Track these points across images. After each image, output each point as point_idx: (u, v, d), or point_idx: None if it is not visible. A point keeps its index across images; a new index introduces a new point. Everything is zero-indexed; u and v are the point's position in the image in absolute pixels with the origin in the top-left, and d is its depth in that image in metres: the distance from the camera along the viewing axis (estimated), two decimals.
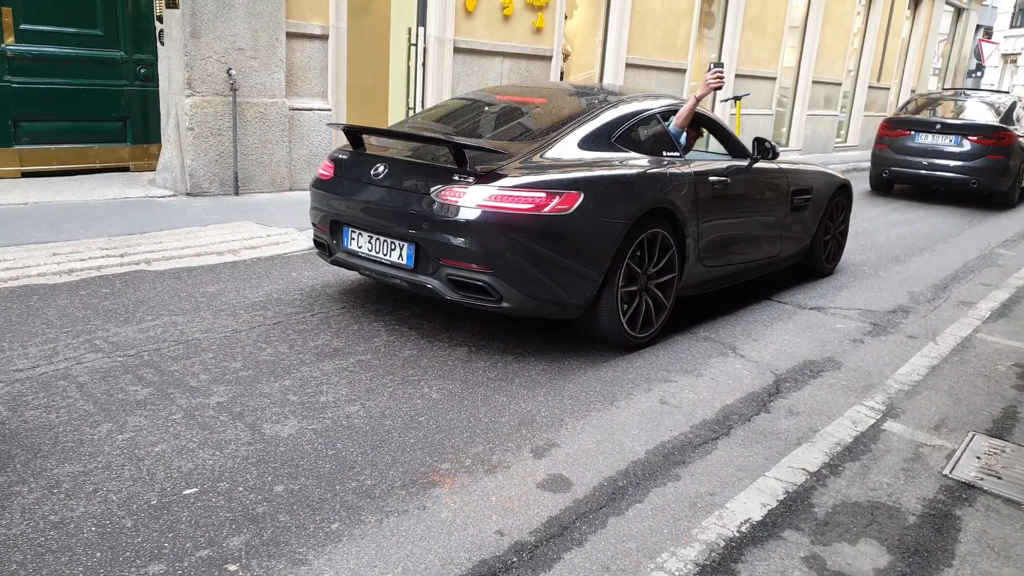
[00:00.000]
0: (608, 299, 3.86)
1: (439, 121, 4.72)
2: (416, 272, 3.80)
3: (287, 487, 2.56)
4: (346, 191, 4.08)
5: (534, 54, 9.47)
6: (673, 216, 4.13)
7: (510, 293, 3.63)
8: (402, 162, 3.96)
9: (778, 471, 2.88)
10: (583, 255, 3.72)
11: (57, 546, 2.19)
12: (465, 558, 2.25)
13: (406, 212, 3.75)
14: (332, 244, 4.22)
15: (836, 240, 6.18)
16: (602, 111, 4.25)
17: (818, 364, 4.06)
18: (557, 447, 2.96)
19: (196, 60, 6.61)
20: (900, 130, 10.87)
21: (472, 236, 3.57)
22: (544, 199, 3.59)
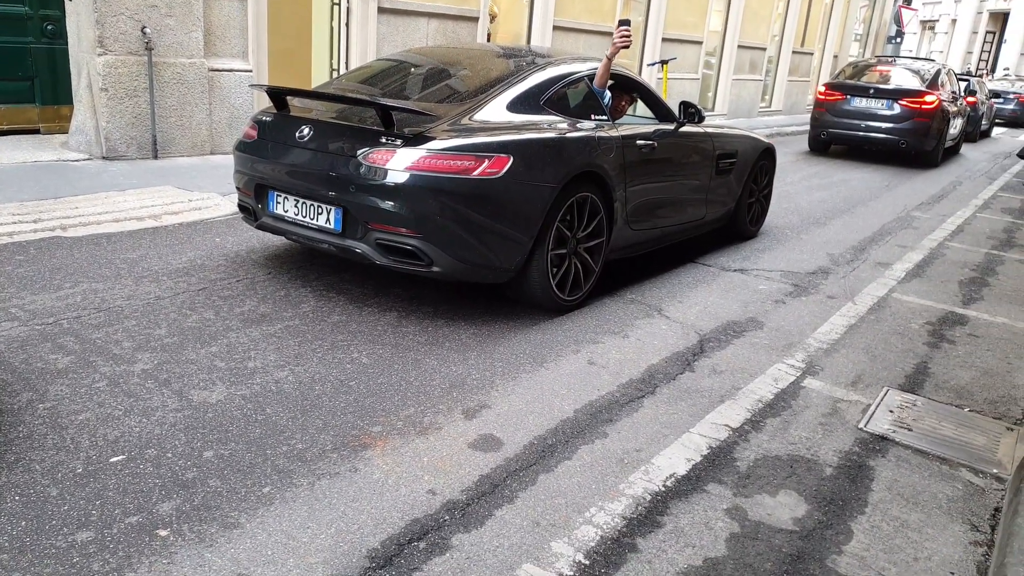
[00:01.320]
0: (538, 263, 3.89)
1: (365, 82, 4.62)
2: (344, 237, 3.74)
3: (217, 452, 2.53)
4: (271, 154, 3.97)
5: (460, 15, 9.35)
6: (601, 180, 4.17)
7: (440, 257, 3.63)
8: (328, 124, 3.87)
9: (702, 427, 3.00)
10: (513, 219, 3.73)
11: None
12: (398, 518, 2.28)
13: (333, 175, 3.68)
14: (257, 208, 4.12)
15: (760, 203, 6.36)
16: (530, 73, 4.23)
17: (741, 324, 4.21)
18: (488, 408, 3.01)
19: (107, 17, 6.28)
20: (837, 94, 11.70)
21: (401, 200, 3.52)
22: (473, 163, 3.58)
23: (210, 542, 2.11)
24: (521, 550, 2.18)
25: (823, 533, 2.39)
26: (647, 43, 13.10)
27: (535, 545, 2.21)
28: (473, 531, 2.25)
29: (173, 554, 2.05)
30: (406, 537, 2.19)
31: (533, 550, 2.19)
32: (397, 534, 2.20)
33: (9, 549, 2.02)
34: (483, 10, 9.61)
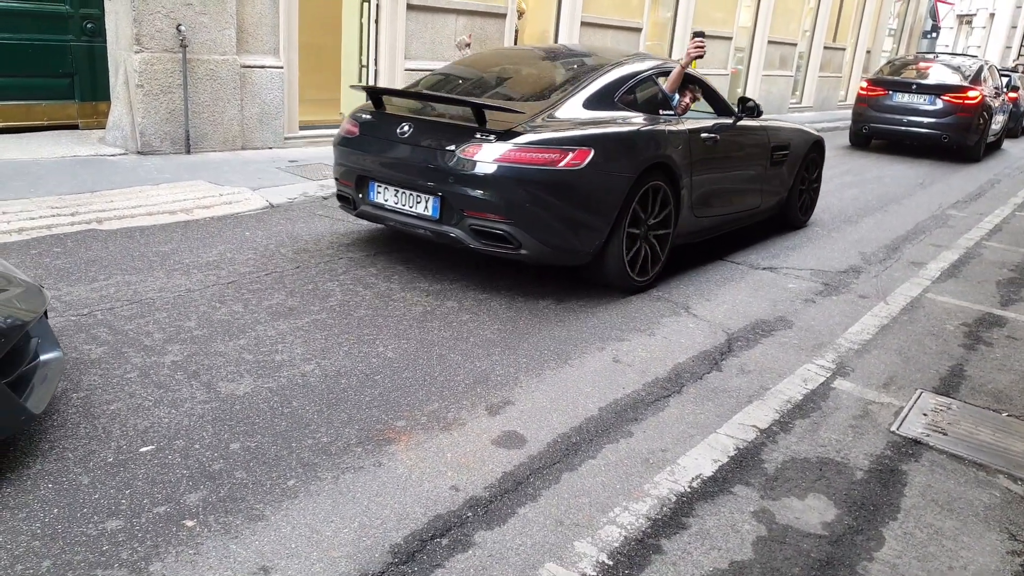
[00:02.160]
0: (614, 247, 4.21)
1: (450, 84, 4.93)
2: (441, 223, 4.08)
3: (243, 444, 2.56)
4: (372, 148, 4.34)
5: (488, 11, 9.33)
6: (670, 170, 4.45)
7: (528, 241, 3.95)
8: (426, 121, 4.23)
9: (729, 428, 2.96)
10: (594, 206, 4.04)
11: (14, 503, 2.17)
12: (420, 513, 2.28)
13: (431, 167, 4.01)
14: (357, 198, 4.48)
15: (810, 194, 6.59)
16: (603, 72, 4.55)
17: (770, 323, 4.15)
18: (512, 404, 3.00)
19: (144, 15, 6.37)
20: (879, 89, 11.84)
21: (493, 189, 3.87)
22: (559, 155, 3.90)
23: (235, 533, 2.13)
24: (544, 549, 2.17)
25: (853, 539, 2.35)
26: (675, 39, 12.98)
27: (558, 544, 2.20)
28: (496, 528, 2.24)
29: (199, 544, 2.07)
30: (429, 533, 2.20)
31: (556, 549, 2.18)
32: (420, 530, 2.21)
33: (41, 535, 2.06)
34: (511, 6, 9.59)
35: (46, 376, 2.46)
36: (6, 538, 2.04)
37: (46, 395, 2.41)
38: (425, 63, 8.78)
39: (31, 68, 6.77)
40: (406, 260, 4.67)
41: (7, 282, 2.43)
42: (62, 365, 2.58)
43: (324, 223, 5.37)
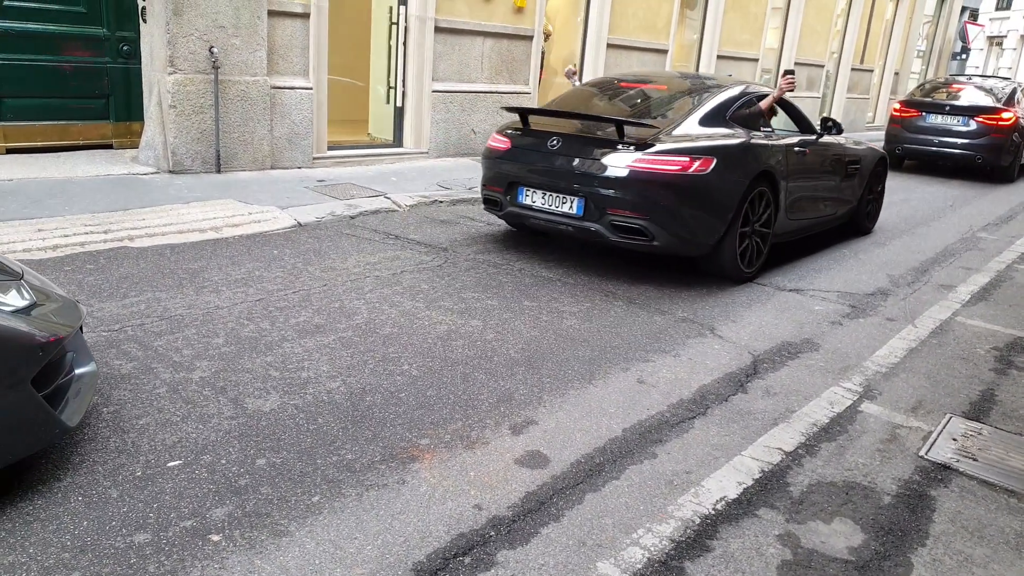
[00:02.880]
0: (730, 240, 4.97)
1: (583, 104, 5.74)
2: (584, 220, 4.88)
3: (269, 460, 2.59)
4: (523, 158, 5.15)
5: (515, 34, 9.43)
6: (772, 178, 5.24)
7: (661, 234, 4.74)
8: (572, 135, 5.03)
9: (754, 450, 2.94)
10: (714, 206, 4.84)
11: (45, 515, 2.21)
12: (443, 531, 2.29)
13: (578, 173, 4.83)
14: (505, 200, 5.29)
15: (875, 203, 7.38)
16: (715, 95, 5.37)
17: (796, 345, 4.12)
18: (535, 424, 3.00)
19: (178, 38, 6.54)
20: (913, 111, 12.03)
21: (632, 191, 4.67)
22: (688, 162, 4.69)
23: (260, 549, 2.15)
24: (567, 569, 2.16)
25: (880, 564, 2.31)
26: (701, 61, 13.01)
27: (581, 565, 2.19)
28: (519, 548, 2.24)
29: (225, 559, 2.09)
30: (451, 551, 2.20)
31: (579, 570, 2.17)
32: (443, 548, 2.21)
33: (71, 548, 2.09)
34: (538, 28, 9.68)
35: (80, 390, 2.51)
36: (37, 550, 2.08)
37: (81, 408, 2.46)
38: (452, 84, 8.90)
39: (68, 89, 6.96)
40: (431, 280, 4.70)
41: (45, 297, 2.49)
42: (96, 379, 2.63)
43: (351, 242, 5.43)
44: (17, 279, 2.44)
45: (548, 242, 5.90)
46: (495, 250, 5.53)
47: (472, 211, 6.81)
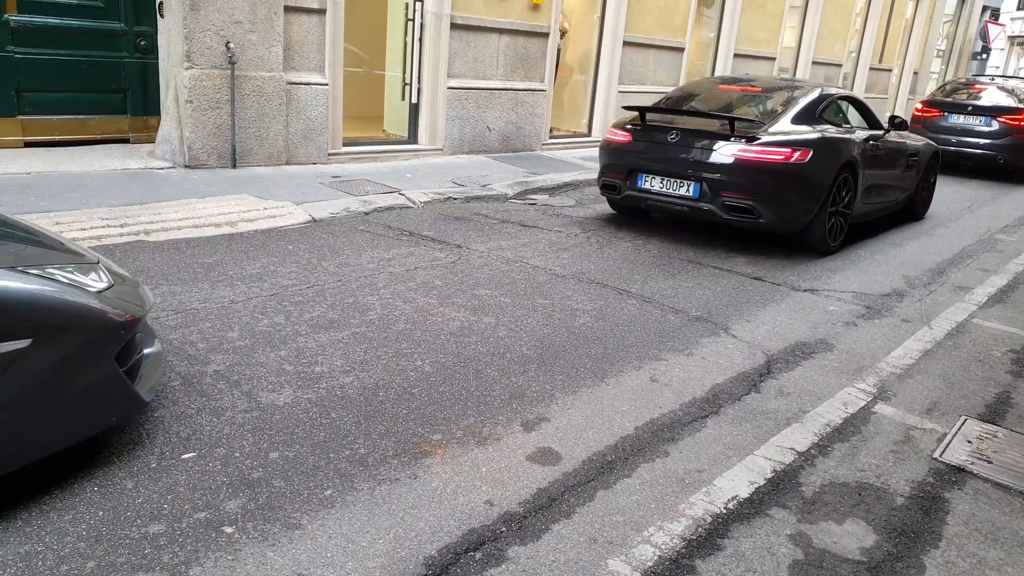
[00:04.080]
0: (820, 219, 5.90)
1: (691, 104, 6.65)
2: (699, 201, 5.79)
3: (282, 454, 2.60)
4: (643, 149, 6.06)
5: (531, 31, 9.42)
6: (853, 167, 6.14)
7: (766, 213, 5.66)
8: (689, 129, 5.92)
9: (767, 450, 2.93)
10: (810, 189, 5.75)
11: (61, 505, 2.23)
12: (455, 526, 2.29)
13: (695, 162, 5.75)
14: (624, 186, 6.20)
15: (928, 192, 8.21)
16: (804, 96, 6.30)
17: (810, 346, 4.09)
18: (547, 421, 3.00)
19: (195, 33, 6.57)
20: (934, 111, 12.14)
21: (743, 176, 5.61)
22: (790, 152, 5.62)
23: (273, 541, 2.16)
24: (578, 566, 2.17)
25: (893, 566, 2.30)
26: (718, 60, 12.95)
27: (592, 562, 2.19)
28: (530, 544, 2.24)
29: (238, 551, 2.11)
30: (463, 546, 2.20)
31: (590, 567, 2.17)
32: (454, 543, 2.22)
33: (87, 537, 2.12)
34: (554, 26, 9.67)
35: (150, 368, 2.64)
36: (53, 539, 2.10)
37: (153, 384, 2.59)
38: (467, 81, 8.90)
39: (86, 84, 7.02)
40: (444, 276, 4.71)
41: (121, 279, 2.57)
42: (162, 358, 2.76)
43: (365, 238, 5.45)
44: (95, 263, 2.52)
45: (562, 241, 5.90)
46: (508, 247, 5.53)
47: (486, 208, 6.82)
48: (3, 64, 6.50)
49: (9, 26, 6.45)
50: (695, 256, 5.75)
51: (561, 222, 6.54)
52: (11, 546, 2.06)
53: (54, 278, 2.24)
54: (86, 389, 2.30)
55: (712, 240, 6.31)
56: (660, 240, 6.17)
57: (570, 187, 8.14)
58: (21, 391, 2.10)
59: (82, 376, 2.27)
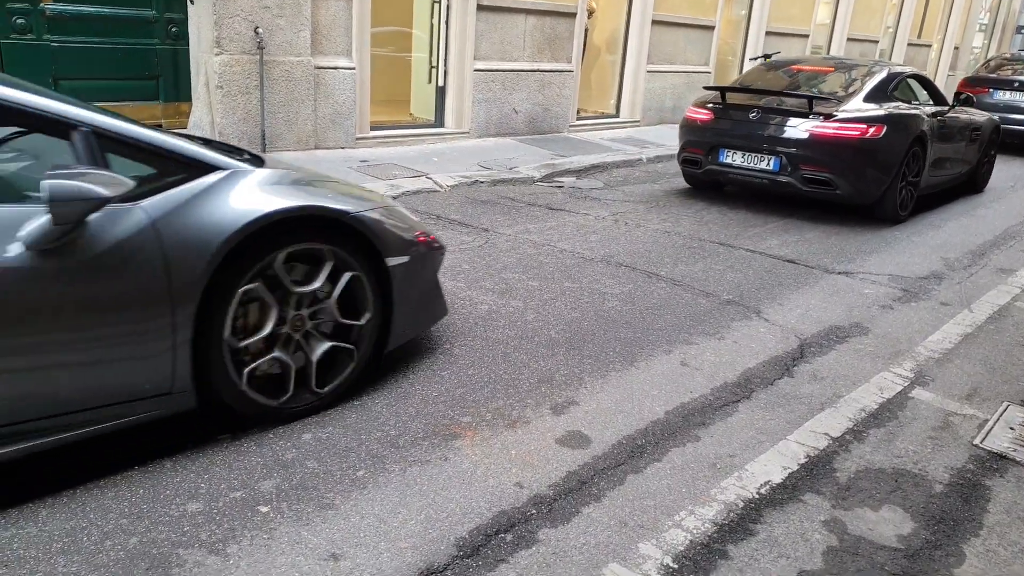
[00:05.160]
0: (891, 191, 6.33)
1: (767, 84, 7.04)
2: (778, 174, 6.25)
3: (315, 435, 2.63)
4: (723, 126, 6.54)
5: (558, 11, 9.32)
6: (923, 141, 6.53)
7: (843, 185, 6.10)
8: (769, 107, 6.41)
9: (800, 435, 2.89)
10: (884, 162, 6.16)
11: (104, 482, 2.29)
12: (485, 508, 2.30)
13: (775, 137, 6.22)
14: (705, 160, 6.67)
15: (988, 166, 8.48)
16: (875, 75, 6.68)
17: (845, 329, 4.03)
18: (576, 405, 3.00)
19: (224, 19, 6.61)
20: (979, 87, 11.89)
21: (821, 150, 6.06)
22: (865, 128, 6.05)
23: (307, 521, 2.19)
24: (608, 549, 2.17)
25: (931, 553, 2.26)
26: (749, 37, 12.71)
27: (622, 545, 2.19)
28: (560, 527, 2.24)
29: (273, 530, 2.14)
30: (493, 528, 2.21)
31: (620, 550, 2.17)
32: (484, 524, 2.23)
33: (128, 514, 2.17)
34: (581, 5, 9.56)
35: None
36: (97, 515, 2.15)
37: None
38: (494, 63, 8.84)
39: (120, 71, 7.10)
40: (471, 260, 4.71)
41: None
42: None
43: None
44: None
45: (590, 223, 5.86)
46: (536, 231, 5.51)
47: (513, 191, 6.79)
48: (40, 52, 6.60)
49: (45, 15, 6.55)
50: (726, 238, 5.68)
51: (589, 205, 6.50)
52: (57, 522, 2.11)
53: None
54: (432, 293, 3.23)
55: (744, 222, 6.23)
56: (690, 223, 6.10)
57: (598, 169, 8.08)
58: (412, 289, 3.03)
59: (429, 284, 3.19)
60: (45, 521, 2.12)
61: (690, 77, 11.52)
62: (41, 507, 2.17)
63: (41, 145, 2.47)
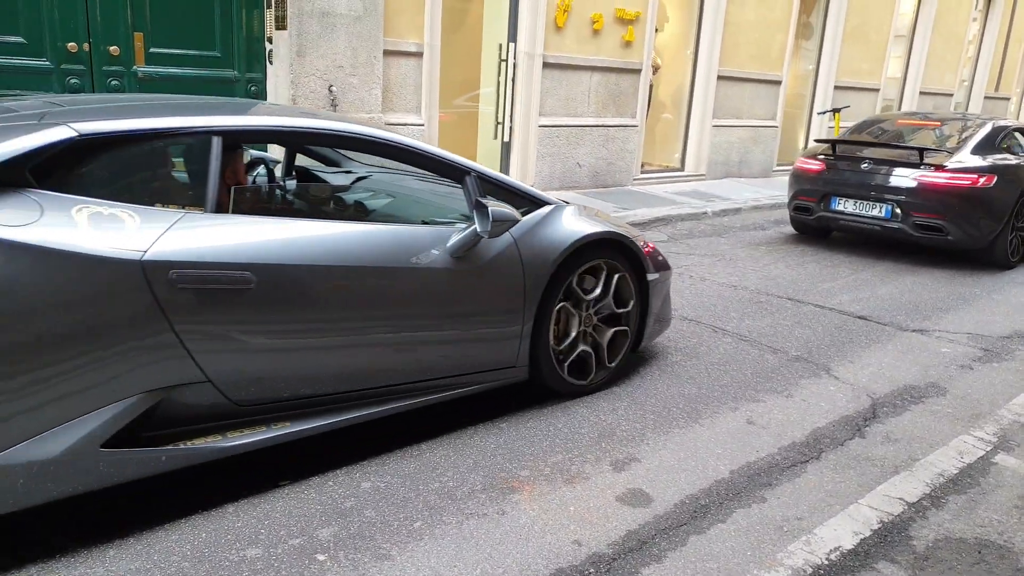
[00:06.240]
0: (1002, 237, 6.64)
1: (876, 137, 7.51)
2: (890, 221, 6.60)
3: (374, 484, 2.65)
4: (835, 176, 6.93)
5: (623, 68, 9.45)
6: None
7: (955, 231, 6.39)
8: (881, 159, 6.76)
9: (873, 499, 2.76)
10: (995, 211, 6.50)
11: (169, 525, 2.35)
12: (542, 565, 2.26)
13: (887, 186, 6.59)
14: (817, 207, 7.04)
15: None
16: (981, 129, 6.96)
17: (920, 389, 3.86)
18: (637, 461, 2.93)
19: (301, 78, 6.95)
20: None
21: (933, 199, 6.40)
22: (976, 178, 6.38)
23: (363, 571, 2.19)
24: None
25: None
26: (817, 91, 12.61)
27: None
28: None
29: None
30: None
31: None
32: None
33: (191, 557, 2.21)
34: (646, 62, 9.68)
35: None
36: (161, 557, 2.20)
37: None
38: (558, 119, 9.00)
39: None
40: None
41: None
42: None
43: None
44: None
45: None
46: None
47: None
48: None
49: (138, 76, 7.00)
50: (795, 294, 5.55)
51: None
52: (124, 562, 2.17)
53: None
54: (666, 304, 3.93)
55: (814, 278, 6.08)
56: (757, 277, 6.00)
57: (661, 222, 8.05)
58: (657, 299, 3.76)
59: (665, 297, 3.90)
60: (112, 561, 2.17)
61: (756, 131, 11.46)
62: (110, 548, 2.23)
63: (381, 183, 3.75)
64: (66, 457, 2.11)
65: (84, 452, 2.14)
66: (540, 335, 3.20)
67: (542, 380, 3.30)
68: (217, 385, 2.38)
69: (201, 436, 2.41)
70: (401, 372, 2.84)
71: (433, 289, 2.82)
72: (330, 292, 2.57)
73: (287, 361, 2.53)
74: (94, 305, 2.11)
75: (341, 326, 2.64)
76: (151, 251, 2.20)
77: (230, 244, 2.35)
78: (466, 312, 2.96)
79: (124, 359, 2.17)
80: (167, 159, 2.70)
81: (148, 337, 2.21)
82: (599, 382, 3.54)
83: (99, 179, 2.32)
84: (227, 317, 2.36)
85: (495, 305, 3.03)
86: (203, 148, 2.47)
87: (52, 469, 2.10)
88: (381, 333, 2.75)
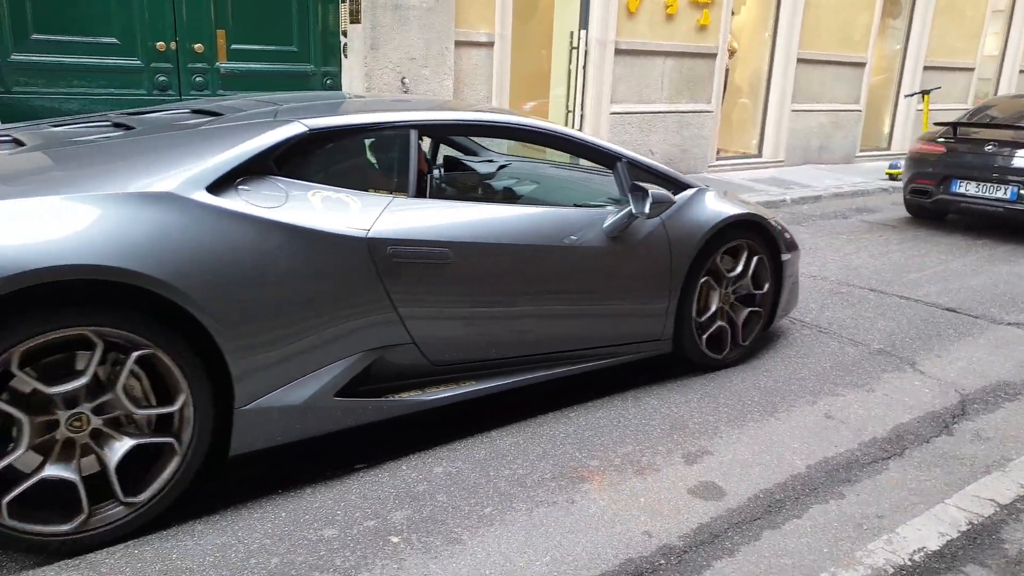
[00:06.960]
0: None
1: (993, 118, 7.45)
2: (1016, 203, 6.55)
3: (445, 469, 2.69)
4: (956, 158, 6.93)
5: (697, 52, 9.24)
6: None
7: None
8: (1005, 141, 6.75)
9: (961, 500, 2.64)
10: None
11: (252, 504, 2.45)
12: (612, 555, 2.26)
13: (1012, 168, 6.55)
14: (937, 190, 7.04)
15: None
16: None
17: (1015, 386, 3.66)
18: (710, 454, 2.89)
19: (374, 70, 7.07)
20: None
21: None
22: None
23: (435, 554, 2.23)
24: None
25: None
26: (905, 73, 12.04)
27: None
28: None
29: (402, 560, 2.20)
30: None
31: None
32: (611, 571, 2.18)
33: (272, 535, 2.30)
34: (722, 46, 9.44)
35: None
36: (245, 534, 2.30)
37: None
38: (630, 106, 8.88)
39: None
40: None
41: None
42: None
43: None
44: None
45: None
46: None
47: None
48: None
49: (220, 72, 7.27)
50: (878, 284, 5.34)
51: None
52: (210, 537, 2.27)
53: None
54: (796, 284, 4.07)
55: (898, 268, 5.84)
56: (837, 267, 5.79)
57: None
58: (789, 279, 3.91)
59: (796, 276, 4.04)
60: (200, 535, 2.28)
61: (838, 116, 11.04)
62: (197, 523, 2.34)
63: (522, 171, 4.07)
64: (309, 403, 2.48)
65: (322, 400, 2.50)
66: (683, 310, 3.44)
67: (683, 352, 3.53)
68: (420, 347, 2.72)
69: (403, 391, 2.75)
70: (565, 340, 3.14)
71: (591, 266, 3.11)
72: (510, 267, 2.90)
73: (476, 327, 2.86)
74: (331, 274, 2.47)
75: (518, 298, 2.95)
76: (373, 230, 2.54)
77: (432, 224, 2.69)
78: (619, 288, 3.22)
79: (353, 320, 2.53)
80: (377, 149, 3.00)
81: (371, 303, 2.56)
82: (733, 358, 3.74)
83: (324, 167, 2.66)
84: (430, 288, 2.69)
85: (644, 282, 3.29)
86: (404, 140, 2.82)
87: (299, 413, 2.46)
88: (550, 304, 3.05)
